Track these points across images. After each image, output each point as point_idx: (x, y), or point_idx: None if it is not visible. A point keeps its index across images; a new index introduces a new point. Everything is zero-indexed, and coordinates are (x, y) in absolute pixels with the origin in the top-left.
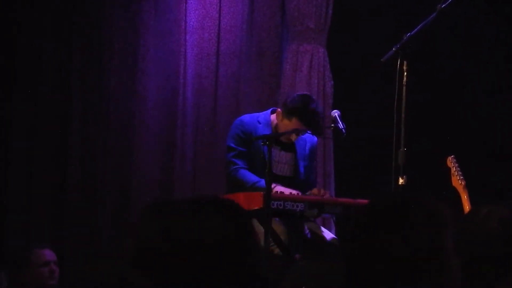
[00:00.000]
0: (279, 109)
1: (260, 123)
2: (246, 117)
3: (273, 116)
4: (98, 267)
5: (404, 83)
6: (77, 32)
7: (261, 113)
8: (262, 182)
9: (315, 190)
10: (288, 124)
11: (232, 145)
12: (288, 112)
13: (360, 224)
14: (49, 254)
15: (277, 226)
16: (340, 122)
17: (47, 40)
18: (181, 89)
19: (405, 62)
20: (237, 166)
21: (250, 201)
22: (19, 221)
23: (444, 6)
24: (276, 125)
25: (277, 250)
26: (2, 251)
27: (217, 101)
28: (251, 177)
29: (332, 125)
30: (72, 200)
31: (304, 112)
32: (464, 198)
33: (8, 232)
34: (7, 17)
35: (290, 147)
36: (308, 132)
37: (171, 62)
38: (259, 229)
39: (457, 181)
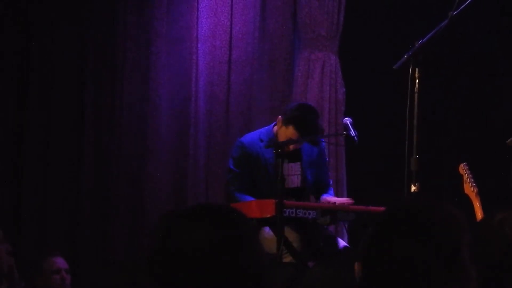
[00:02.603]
0: (279, 116)
1: (262, 141)
2: (247, 138)
3: (275, 128)
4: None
5: (416, 90)
6: (90, 40)
7: (264, 128)
8: None
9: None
10: (285, 131)
11: (231, 166)
12: (286, 120)
13: (379, 230)
14: (60, 262)
15: (290, 234)
16: (352, 130)
17: (60, 48)
18: (193, 97)
19: (417, 69)
20: (233, 188)
21: (263, 209)
22: (33, 229)
23: (456, 13)
24: (277, 134)
25: (289, 258)
26: (18, 259)
27: (229, 108)
28: (247, 198)
29: (344, 132)
30: (85, 207)
31: (300, 121)
32: (477, 205)
33: (22, 239)
34: (20, 23)
35: (296, 156)
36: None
37: (183, 70)
38: (272, 236)
39: (470, 188)
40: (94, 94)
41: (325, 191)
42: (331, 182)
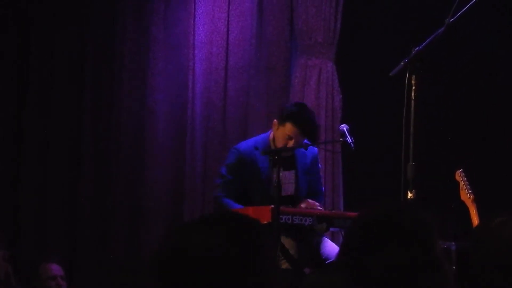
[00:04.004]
0: (275, 120)
1: (257, 149)
2: (242, 145)
3: (271, 134)
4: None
5: (412, 97)
6: (89, 45)
7: (259, 136)
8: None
9: (306, 203)
10: (283, 131)
11: (224, 173)
12: (283, 118)
13: (354, 236)
14: (56, 269)
15: (286, 240)
16: (349, 136)
17: (59, 53)
18: (190, 103)
19: (413, 76)
20: (222, 195)
21: (259, 216)
22: (31, 232)
23: (452, 20)
24: (273, 139)
25: (286, 264)
26: (16, 262)
27: (226, 115)
28: (233, 205)
29: (341, 139)
30: (84, 211)
31: (298, 116)
32: (473, 212)
33: (21, 245)
34: (20, 28)
35: (291, 164)
36: (304, 139)
37: (180, 76)
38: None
39: (466, 195)
40: (92, 99)
41: (315, 199)
42: (323, 189)
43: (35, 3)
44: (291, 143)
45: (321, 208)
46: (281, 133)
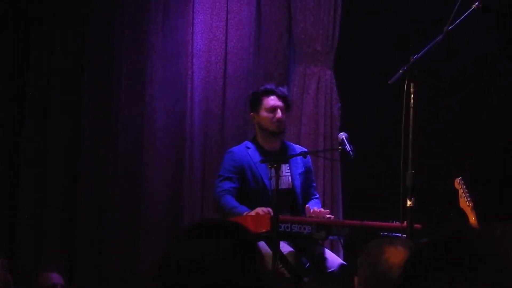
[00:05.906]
0: (251, 113)
1: (249, 148)
2: (235, 148)
3: (256, 135)
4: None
5: (411, 105)
6: (87, 54)
7: (246, 141)
8: (240, 208)
9: (314, 211)
10: (264, 108)
11: (221, 173)
12: (256, 100)
13: (423, 260)
14: (56, 278)
15: (285, 249)
16: (348, 144)
17: (57, 61)
18: (188, 112)
19: (412, 84)
20: (222, 189)
21: (258, 224)
22: (29, 242)
23: (451, 28)
24: (259, 137)
25: (285, 273)
26: (13, 272)
27: (225, 123)
28: (231, 202)
29: (340, 147)
30: (82, 221)
31: (265, 88)
32: (472, 219)
33: (18, 253)
34: (20, 28)
35: (284, 159)
36: (283, 105)
37: (178, 85)
38: (267, 251)
39: (465, 203)
40: (90, 109)
41: (309, 199)
42: (317, 195)
43: (35, 3)
44: (278, 114)
45: (330, 216)
46: (265, 113)
